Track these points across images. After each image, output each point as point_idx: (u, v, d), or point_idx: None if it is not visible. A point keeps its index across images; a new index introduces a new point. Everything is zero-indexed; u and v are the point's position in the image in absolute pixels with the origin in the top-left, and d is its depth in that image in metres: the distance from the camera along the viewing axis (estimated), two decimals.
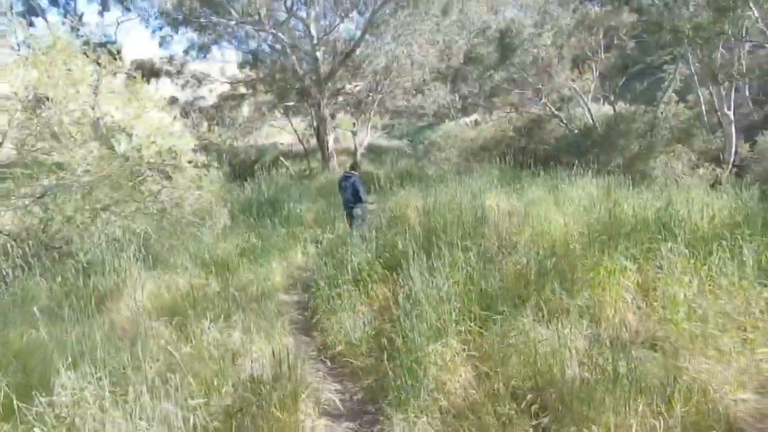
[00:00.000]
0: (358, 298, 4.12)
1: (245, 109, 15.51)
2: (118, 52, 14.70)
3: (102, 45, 7.04)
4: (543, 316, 3.23)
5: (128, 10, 11.70)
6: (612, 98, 20.18)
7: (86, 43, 6.80)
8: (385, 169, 13.67)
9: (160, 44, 15.03)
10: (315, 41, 14.52)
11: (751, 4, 7.73)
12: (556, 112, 20.17)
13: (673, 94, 21.63)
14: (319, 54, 14.58)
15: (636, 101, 25.09)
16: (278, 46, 15.07)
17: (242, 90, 16.39)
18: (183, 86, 15.49)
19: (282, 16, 13.69)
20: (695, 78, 19.21)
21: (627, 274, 3.73)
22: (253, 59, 14.56)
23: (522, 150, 15.49)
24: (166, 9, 7.72)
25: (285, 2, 13.45)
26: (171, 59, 14.62)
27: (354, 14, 15.33)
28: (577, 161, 15.25)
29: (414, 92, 15.70)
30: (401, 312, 3.39)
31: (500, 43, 18.61)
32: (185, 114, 12.97)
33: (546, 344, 2.91)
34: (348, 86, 16.34)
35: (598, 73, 22.56)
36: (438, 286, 3.54)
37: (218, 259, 5.01)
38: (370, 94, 15.82)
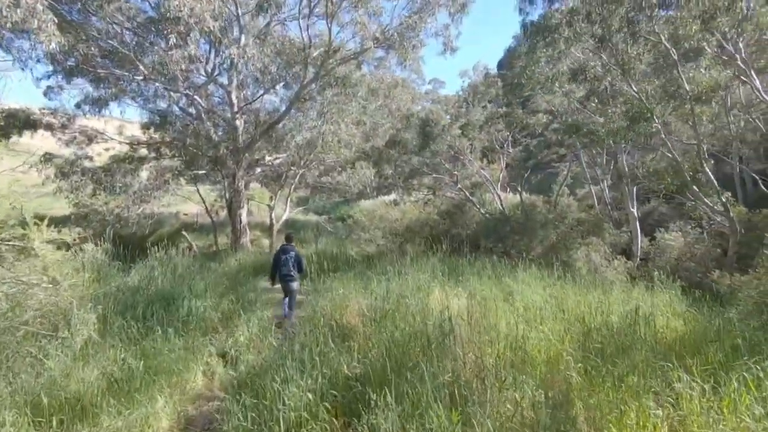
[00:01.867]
0: None
1: (144, 174, 13.46)
2: None
3: None
4: None
5: (5, 49, 9.72)
6: (519, 188, 21.72)
7: None
8: (308, 249, 12.37)
9: (45, 94, 12.81)
10: (235, 109, 13.53)
11: (656, 117, 8.55)
12: (470, 197, 21.22)
13: (566, 188, 24.01)
14: (238, 123, 13.53)
15: (533, 191, 27.72)
16: (192, 110, 13.76)
17: (143, 152, 14.43)
18: (68, 143, 13.13)
19: (200, 79, 12.59)
20: (587, 175, 21.52)
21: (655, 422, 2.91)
22: (160, 120, 12.95)
23: (446, 233, 15.38)
24: (51, 51, 6.23)
25: (205, 66, 12.46)
26: (55, 111, 12.39)
27: (279, 87, 14.84)
28: (497, 246, 15.52)
29: (339, 169, 15.15)
30: None
31: (422, 130, 19.49)
32: (63, 175, 10.66)
33: None
34: (268, 158, 15.31)
35: (505, 164, 24.64)
36: None
37: (67, 399, 3.25)
38: (293, 168, 14.91)
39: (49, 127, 12.71)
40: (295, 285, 6.39)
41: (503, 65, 41.97)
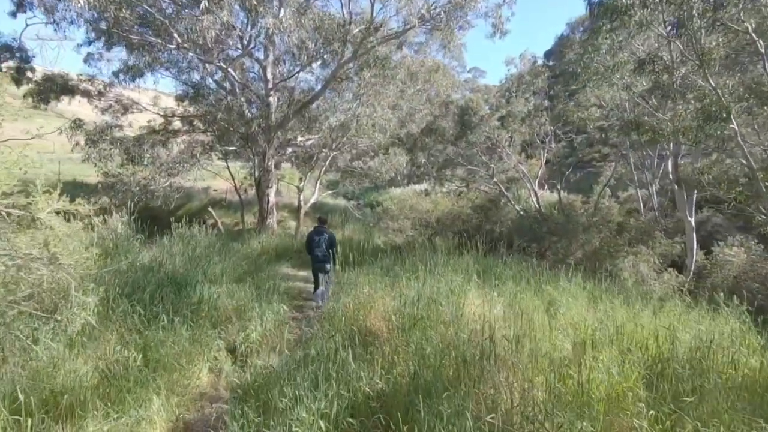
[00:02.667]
0: None
1: (174, 147, 13.30)
2: (25, 60, 12.19)
3: None
4: None
5: (49, 12, 9.56)
6: (558, 186, 20.62)
7: None
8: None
9: (85, 60, 12.75)
10: (270, 86, 13.11)
11: (732, 118, 7.52)
12: (504, 192, 20.32)
13: (607, 189, 22.62)
14: (272, 100, 13.12)
15: (571, 190, 26.29)
16: (227, 84, 13.44)
17: (177, 124, 14.29)
18: (104, 111, 13.08)
19: (235, 53, 12.19)
20: (634, 177, 20.08)
21: None
22: (194, 93, 12.69)
23: (478, 228, 14.63)
24: (80, 8, 5.92)
25: (242, 40, 12.04)
26: (92, 78, 12.32)
27: (316, 65, 14.29)
28: (530, 246, 14.65)
29: (372, 154, 14.57)
30: None
31: (460, 119, 18.68)
32: (92, 143, 10.55)
33: None
34: (300, 138, 14.88)
35: (545, 160, 23.42)
36: None
37: (52, 394, 2.88)
38: (324, 150, 14.44)
39: (86, 94, 12.68)
40: (328, 266, 6.62)
41: (551, 55, 39.97)
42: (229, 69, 11.30)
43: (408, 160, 15.02)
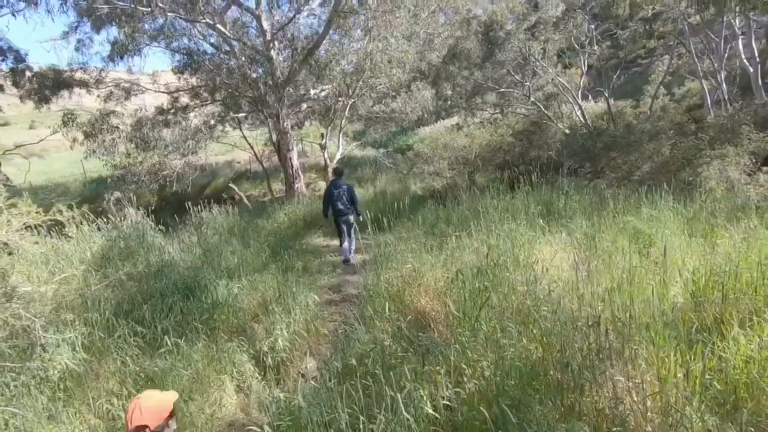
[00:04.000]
0: None
1: (183, 124, 12.44)
2: (20, 60, 11.40)
3: None
4: None
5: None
6: (606, 93, 18.41)
7: None
8: (366, 192, 10.94)
9: (77, 49, 11.83)
10: (268, 37, 11.75)
11: None
12: (545, 111, 18.49)
13: (662, 88, 19.76)
14: (273, 53, 11.79)
15: (616, 97, 23.34)
16: (225, 46, 12.20)
17: (185, 100, 13.37)
18: (107, 98, 12.33)
19: (223, 1, 10.82)
20: (698, 67, 17.27)
21: None
22: (188, 60, 11.57)
23: (522, 157, 13.10)
24: None
25: None
26: (84, 66, 11.46)
27: (315, 4, 12.65)
28: (584, 166, 13.02)
29: (393, 94, 13.10)
30: None
31: (485, 36, 16.66)
32: (88, 136, 9.86)
33: None
34: (313, 91, 13.59)
35: (587, 67, 20.80)
36: None
37: None
38: (341, 99, 13.13)
39: (83, 84, 11.90)
40: (351, 218, 6.39)
41: None
42: (218, 25, 10.02)
43: (433, 95, 13.43)
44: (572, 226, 5.19)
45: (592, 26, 18.92)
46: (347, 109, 13.67)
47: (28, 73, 11.83)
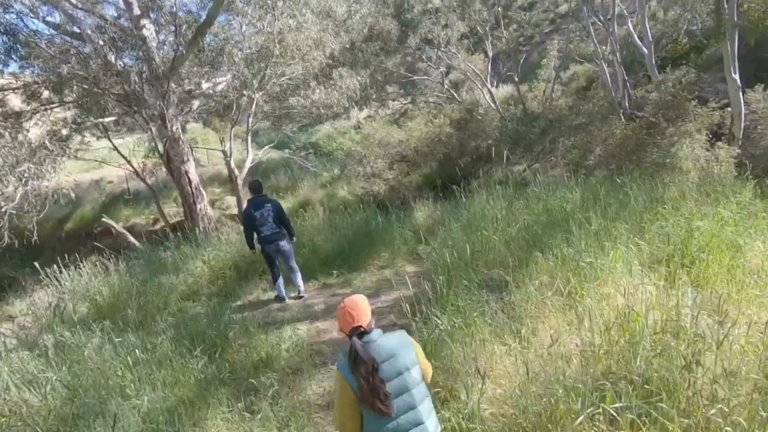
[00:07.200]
0: None
1: (27, 136, 8.70)
2: None
3: None
4: None
5: None
6: (516, 77, 18.32)
7: None
8: (288, 204, 8.54)
9: None
10: (136, 11, 8.64)
11: None
12: (456, 97, 18.04)
13: (553, 71, 20.17)
14: (147, 32, 8.73)
15: (507, 81, 23.69)
16: (75, 28, 8.70)
17: (16, 104, 9.44)
18: None
19: None
20: (597, 48, 17.75)
21: None
22: (12, 43, 7.93)
23: (461, 148, 11.88)
24: None
25: None
26: None
27: None
28: (528, 155, 12.24)
29: (311, 85, 10.82)
30: None
31: (398, 17, 15.41)
32: None
33: None
34: (205, 85, 10.66)
35: (492, 52, 20.73)
36: None
37: None
38: (245, 93, 10.45)
39: None
40: (285, 244, 5.12)
41: None
42: None
43: (362, 83, 11.49)
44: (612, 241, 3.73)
45: (499, 9, 18.69)
46: (254, 104, 11.00)
47: None
